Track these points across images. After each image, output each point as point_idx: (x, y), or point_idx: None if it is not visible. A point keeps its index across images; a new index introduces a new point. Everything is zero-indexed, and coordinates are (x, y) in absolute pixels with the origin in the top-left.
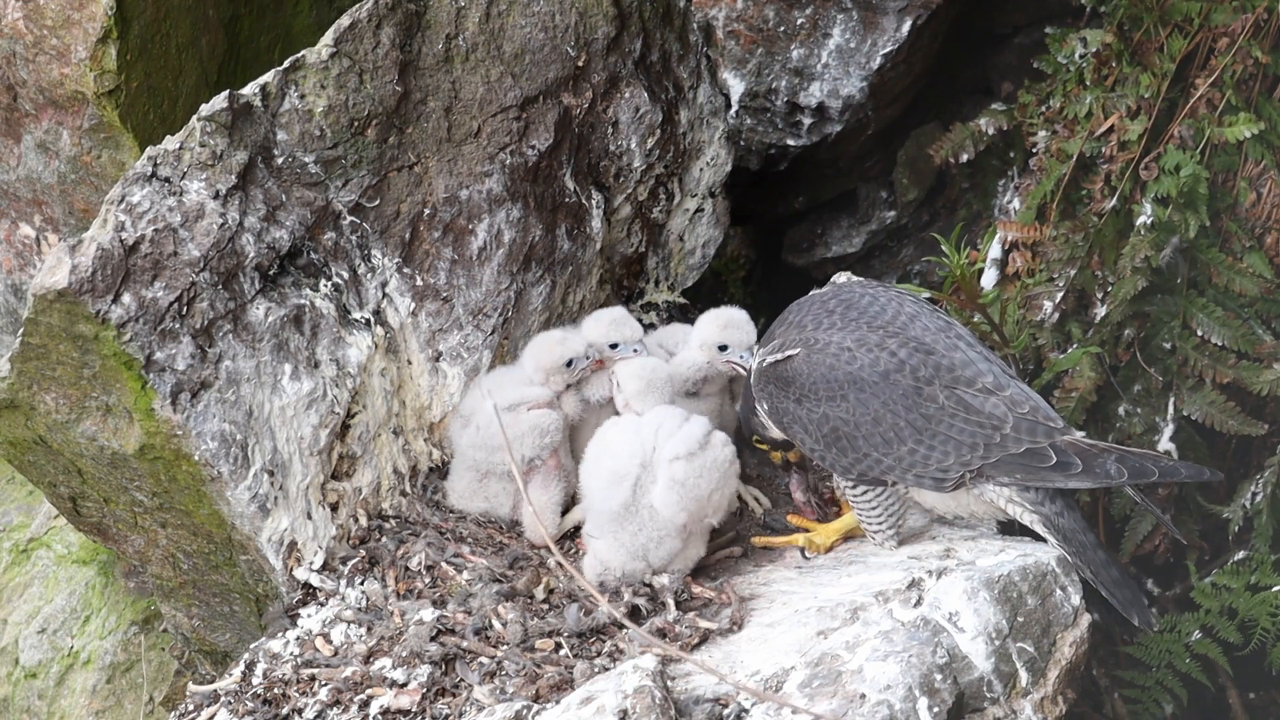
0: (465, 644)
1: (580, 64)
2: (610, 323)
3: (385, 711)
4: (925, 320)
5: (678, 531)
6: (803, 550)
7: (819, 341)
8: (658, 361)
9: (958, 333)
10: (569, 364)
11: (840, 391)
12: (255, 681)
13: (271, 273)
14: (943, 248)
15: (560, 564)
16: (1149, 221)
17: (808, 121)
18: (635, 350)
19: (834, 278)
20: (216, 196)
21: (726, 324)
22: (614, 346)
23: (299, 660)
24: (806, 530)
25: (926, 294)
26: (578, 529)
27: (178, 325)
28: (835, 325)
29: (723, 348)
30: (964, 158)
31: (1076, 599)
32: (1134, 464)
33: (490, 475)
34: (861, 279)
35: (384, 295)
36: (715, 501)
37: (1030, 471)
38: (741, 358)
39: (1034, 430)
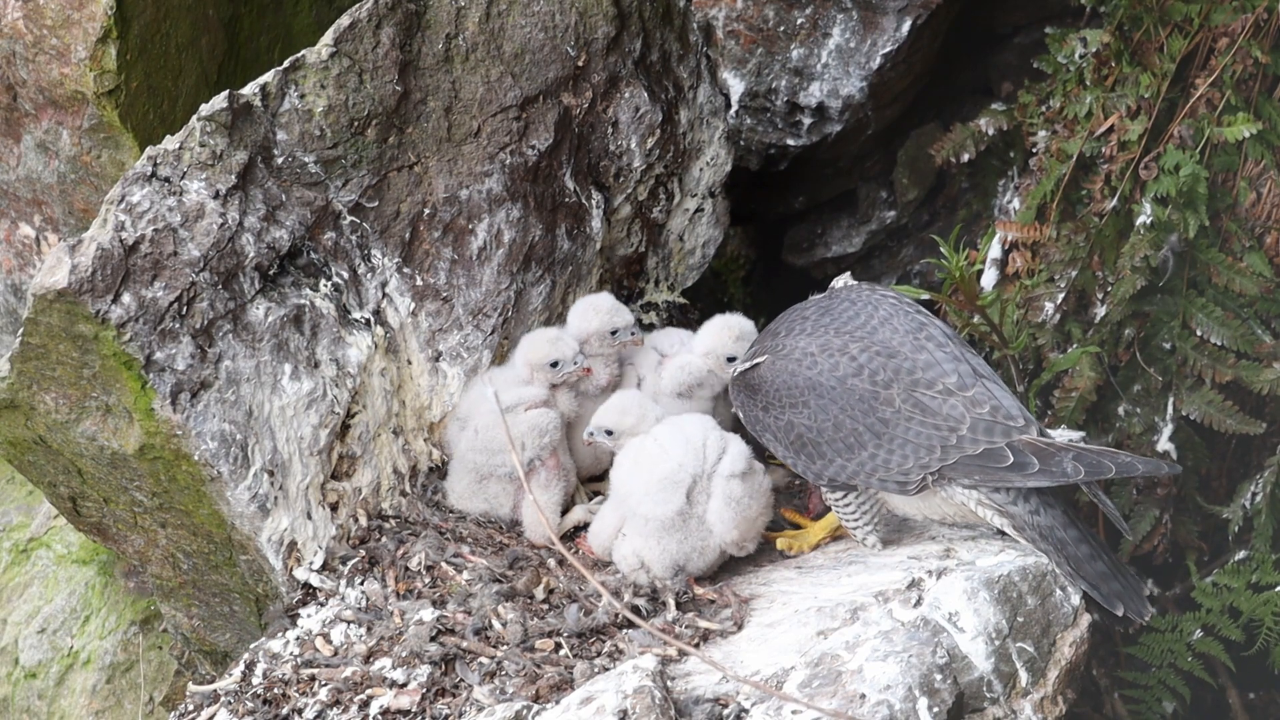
0: (465, 644)
1: (580, 64)
2: (609, 310)
3: (385, 711)
4: (897, 323)
5: (721, 548)
6: (782, 552)
7: (784, 348)
8: (636, 394)
9: (929, 334)
10: (554, 364)
11: (801, 398)
12: (255, 681)
13: (271, 273)
14: (941, 249)
15: (571, 563)
16: (1149, 221)
17: (808, 121)
18: (633, 334)
19: (834, 281)
20: (216, 196)
21: (740, 335)
22: (614, 334)
23: (299, 660)
24: (797, 526)
25: (925, 295)
26: (578, 529)
27: (178, 325)
28: (805, 331)
29: (731, 359)
30: (964, 158)
31: (1076, 599)
32: (1090, 461)
33: (490, 478)
34: (858, 282)
35: (384, 295)
36: (758, 526)
37: (988, 472)
38: None
39: (991, 430)
